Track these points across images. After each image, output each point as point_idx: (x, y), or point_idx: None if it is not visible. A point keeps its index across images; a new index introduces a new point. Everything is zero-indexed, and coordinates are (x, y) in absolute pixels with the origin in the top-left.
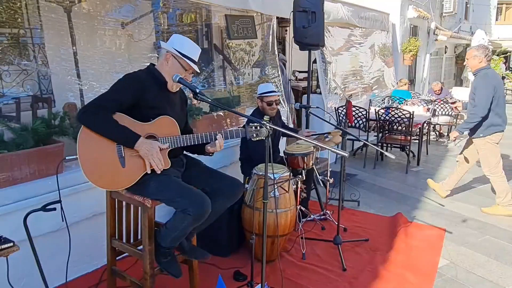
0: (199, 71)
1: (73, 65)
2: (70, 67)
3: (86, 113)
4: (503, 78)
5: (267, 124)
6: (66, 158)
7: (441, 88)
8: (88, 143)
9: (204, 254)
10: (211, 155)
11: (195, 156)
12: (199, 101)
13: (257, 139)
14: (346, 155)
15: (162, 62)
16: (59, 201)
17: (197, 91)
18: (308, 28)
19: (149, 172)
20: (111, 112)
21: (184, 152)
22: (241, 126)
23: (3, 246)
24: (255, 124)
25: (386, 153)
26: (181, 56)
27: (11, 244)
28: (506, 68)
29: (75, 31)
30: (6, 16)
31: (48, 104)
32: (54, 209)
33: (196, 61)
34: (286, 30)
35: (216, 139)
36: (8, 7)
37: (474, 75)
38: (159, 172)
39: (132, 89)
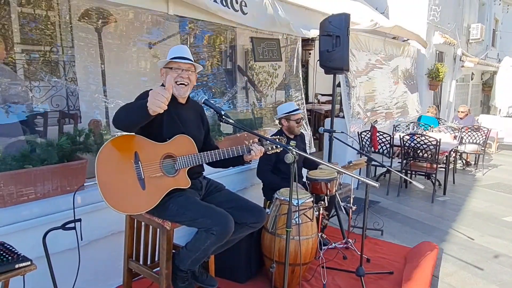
0: (191, 60)
1: (101, 83)
2: (98, 85)
3: (114, 116)
4: None
5: (293, 150)
6: (85, 184)
7: (467, 113)
8: (106, 165)
9: (212, 281)
10: (250, 163)
11: (217, 178)
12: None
13: (272, 152)
14: (377, 185)
15: (162, 79)
16: (79, 220)
17: (223, 113)
18: (332, 52)
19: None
20: None
21: (206, 173)
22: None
23: (21, 265)
24: (273, 138)
25: (414, 182)
26: (168, 62)
27: (29, 263)
28: None
29: (104, 50)
30: (40, 34)
31: (74, 120)
32: (74, 228)
33: (182, 56)
34: (310, 53)
35: (235, 154)
36: (43, 25)
37: None
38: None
39: None
